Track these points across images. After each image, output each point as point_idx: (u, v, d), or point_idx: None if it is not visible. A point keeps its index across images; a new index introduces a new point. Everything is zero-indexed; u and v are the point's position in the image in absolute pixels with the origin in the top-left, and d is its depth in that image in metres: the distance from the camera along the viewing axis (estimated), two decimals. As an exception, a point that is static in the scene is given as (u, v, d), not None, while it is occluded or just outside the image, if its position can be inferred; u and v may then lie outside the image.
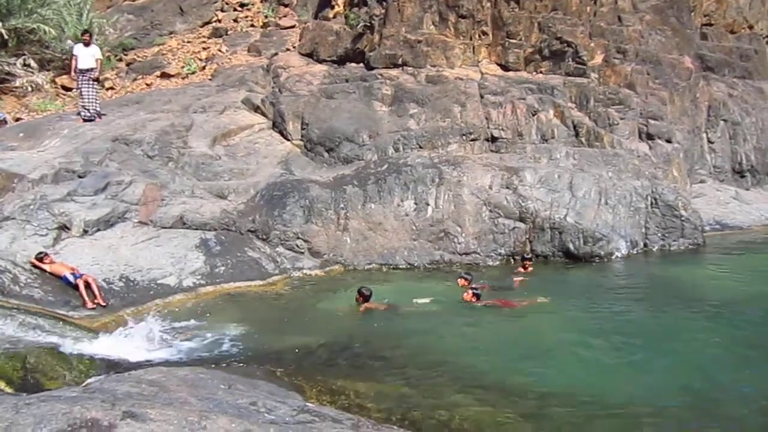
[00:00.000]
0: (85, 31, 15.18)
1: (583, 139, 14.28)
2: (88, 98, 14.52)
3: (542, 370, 7.21)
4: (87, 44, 14.51)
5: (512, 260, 12.08)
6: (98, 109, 14.76)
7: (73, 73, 14.65)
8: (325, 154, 14.25)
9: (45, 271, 9.66)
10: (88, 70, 14.40)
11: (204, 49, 19.83)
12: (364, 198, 12.44)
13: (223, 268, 10.97)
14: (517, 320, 9.11)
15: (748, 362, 7.33)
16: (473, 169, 12.91)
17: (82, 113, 14.54)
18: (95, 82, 14.62)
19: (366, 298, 9.64)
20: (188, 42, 20.39)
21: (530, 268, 11.45)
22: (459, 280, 10.48)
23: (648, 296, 10.10)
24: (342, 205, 12.27)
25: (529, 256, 11.80)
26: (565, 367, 7.32)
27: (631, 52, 15.47)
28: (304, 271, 11.51)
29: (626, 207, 12.63)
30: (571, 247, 12.00)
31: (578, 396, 6.47)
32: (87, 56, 14.42)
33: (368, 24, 16.63)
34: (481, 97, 14.71)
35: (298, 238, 11.94)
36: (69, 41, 18.19)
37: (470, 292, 9.78)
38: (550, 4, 15.79)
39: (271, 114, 15.52)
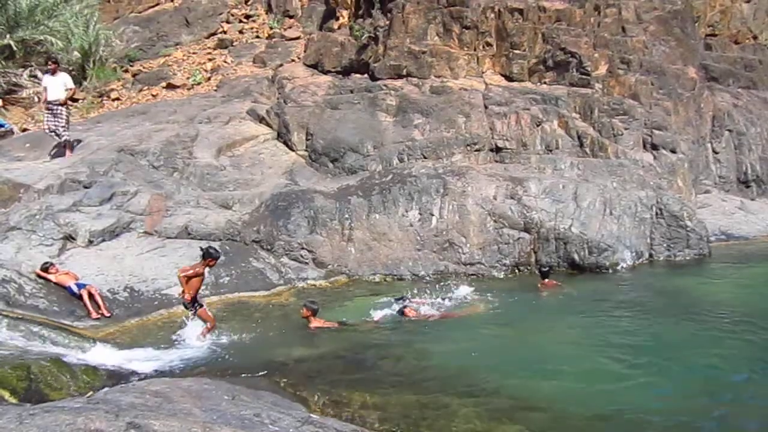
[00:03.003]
0: (52, 61, 14.06)
1: (587, 150, 14.28)
2: (60, 126, 13.33)
3: (546, 382, 7.15)
4: (53, 73, 13.50)
5: (517, 271, 12.05)
6: (68, 137, 13.47)
7: (41, 104, 13.30)
8: (330, 165, 14.28)
9: (50, 281, 9.70)
10: (56, 101, 13.26)
11: (209, 60, 19.94)
12: (369, 208, 12.44)
13: (227, 278, 10.99)
14: (517, 331, 9.05)
15: (756, 373, 7.26)
16: (478, 179, 12.91)
17: (61, 140, 13.38)
18: (63, 107, 13.37)
19: (313, 313, 9.24)
20: (194, 53, 20.51)
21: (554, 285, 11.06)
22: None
23: (653, 307, 10.03)
24: (347, 216, 12.28)
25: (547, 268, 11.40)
26: (569, 378, 7.27)
27: (636, 63, 15.48)
28: (309, 282, 11.52)
29: (631, 217, 12.59)
30: (576, 257, 11.97)
31: (583, 407, 6.42)
32: (56, 86, 13.36)
33: (373, 35, 16.70)
34: (486, 107, 14.73)
35: (303, 248, 11.95)
36: (76, 53, 18.33)
37: (410, 307, 9.75)
38: (554, 15, 15.83)
39: (276, 125, 15.56)
